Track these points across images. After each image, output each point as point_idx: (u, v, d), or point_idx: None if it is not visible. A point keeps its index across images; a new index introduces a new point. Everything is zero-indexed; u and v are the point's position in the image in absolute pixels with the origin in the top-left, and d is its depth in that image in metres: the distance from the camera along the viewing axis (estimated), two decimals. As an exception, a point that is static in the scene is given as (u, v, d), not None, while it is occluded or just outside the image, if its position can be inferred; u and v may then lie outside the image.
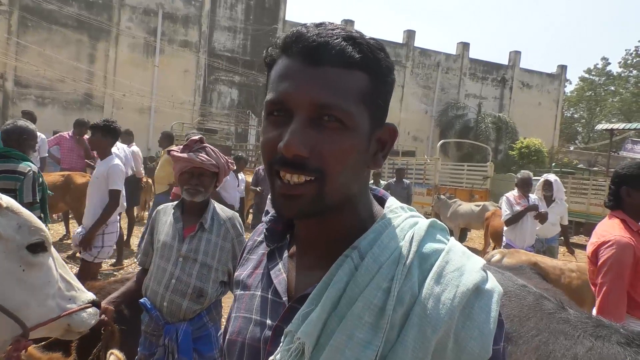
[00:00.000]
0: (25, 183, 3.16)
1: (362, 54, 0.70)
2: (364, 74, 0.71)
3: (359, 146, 0.72)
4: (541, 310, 1.43)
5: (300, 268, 0.81)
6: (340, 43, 0.69)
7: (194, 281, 2.21)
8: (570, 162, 25.32)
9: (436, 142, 22.83)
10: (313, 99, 0.69)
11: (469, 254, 0.73)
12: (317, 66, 0.70)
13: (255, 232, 0.97)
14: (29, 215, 1.45)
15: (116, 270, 6.25)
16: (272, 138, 0.72)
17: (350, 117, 0.70)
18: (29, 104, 18.96)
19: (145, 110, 22.18)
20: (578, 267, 4.35)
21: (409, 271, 0.69)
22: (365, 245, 0.73)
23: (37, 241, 1.42)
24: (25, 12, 20.12)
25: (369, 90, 0.72)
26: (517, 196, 5.68)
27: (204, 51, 23.33)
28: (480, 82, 29.89)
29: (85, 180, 6.87)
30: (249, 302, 0.84)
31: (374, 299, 0.67)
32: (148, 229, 2.44)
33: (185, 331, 2.18)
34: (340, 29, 0.72)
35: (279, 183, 0.72)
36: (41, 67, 19.54)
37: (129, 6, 22.14)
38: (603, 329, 1.30)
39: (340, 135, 0.70)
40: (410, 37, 27.93)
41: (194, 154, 2.27)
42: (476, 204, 10.41)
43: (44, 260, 1.45)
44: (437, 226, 0.77)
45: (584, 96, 42.87)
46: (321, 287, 0.71)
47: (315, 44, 0.69)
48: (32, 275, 1.42)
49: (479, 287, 0.68)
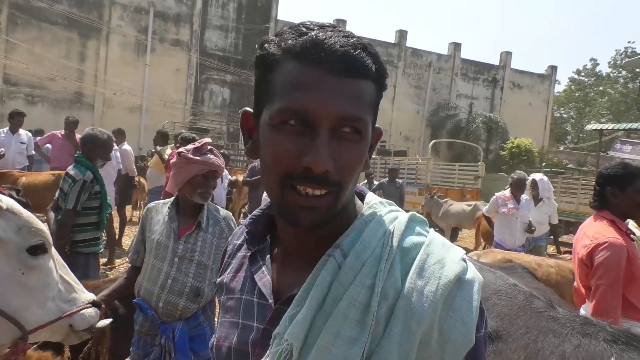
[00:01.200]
0: (73, 189, 3.33)
1: (376, 65, 0.72)
2: (372, 83, 0.72)
3: (366, 153, 0.74)
4: (531, 309, 1.46)
5: (284, 269, 0.81)
6: (361, 54, 0.69)
7: (190, 281, 2.20)
8: (560, 162, 25.52)
9: (428, 142, 22.92)
10: (339, 112, 0.68)
11: (448, 245, 0.74)
12: (340, 77, 0.68)
13: (234, 236, 0.96)
14: (29, 217, 1.44)
15: (108, 269, 6.23)
16: (290, 150, 0.69)
17: (367, 128, 0.71)
18: (19, 103, 18.78)
19: (137, 110, 22.06)
20: (557, 263, 4.41)
21: (391, 266, 0.70)
22: (348, 244, 0.73)
23: (37, 243, 1.41)
24: (14, 10, 19.91)
25: (376, 98, 0.74)
26: (507, 197, 5.71)
27: (196, 50, 23.23)
28: (471, 83, 30.06)
29: (76, 180, 6.82)
30: (234, 306, 0.83)
31: (359, 296, 0.68)
32: (139, 227, 2.42)
33: (181, 330, 2.17)
34: (353, 37, 0.71)
35: (294, 194, 0.70)
36: (31, 65, 19.35)
37: (119, 4, 21.99)
38: (590, 326, 1.33)
39: (357, 146, 0.71)
40: (402, 37, 28.02)
41: (207, 156, 2.27)
42: (467, 204, 10.48)
43: (44, 263, 1.44)
44: (416, 219, 0.78)
45: (574, 96, 43.25)
46: (306, 288, 0.72)
47: (339, 54, 0.68)
48: (32, 277, 1.41)
49: (460, 277, 0.69)
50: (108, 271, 6.16)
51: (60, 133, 7.77)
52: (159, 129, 7.98)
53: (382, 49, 27.04)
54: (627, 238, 2.35)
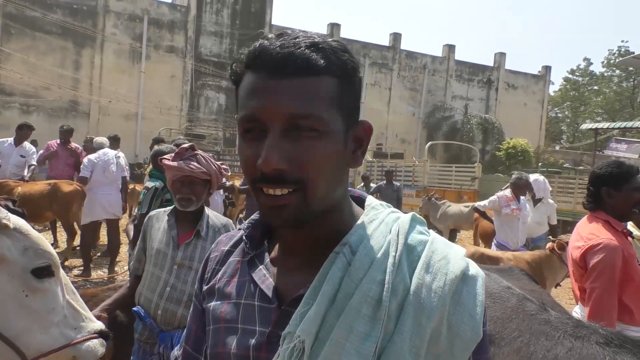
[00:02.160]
0: (146, 196, 3.67)
1: (326, 59, 0.71)
2: (331, 77, 0.72)
3: (337, 149, 0.73)
4: (523, 312, 1.46)
5: (284, 272, 0.81)
6: (304, 52, 0.70)
7: (189, 288, 2.19)
8: (557, 162, 25.60)
9: (424, 144, 22.96)
10: (284, 111, 0.69)
11: (450, 244, 0.77)
12: (284, 78, 0.70)
13: (219, 243, 0.96)
14: (37, 238, 1.37)
15: (109, 278, 6.21)
16: (250, 155, 0.72)
17: (324, 123, 0.70)
18: (14, 112, 18.76)
19: (132, 117, 22.05)
20: (514, 255, 4.57)
21: (399, 263, 0.71)
22: (355, 241, 0.74)
23: (43, 265, 1.34)
24: (8, 20, 19.91)
25: (339, 92, 0.72)
26: (509, 197, 5.67)
27: (191, 56, 23.26)
28: (466, 84, 30.18)
29: (72, 189, 6.79)
30: (231, 311, 0.82)
31: (370, 291, 0.68)
32: (140, 235, 2.41)
33: (180, 339, 2.17)
34: (303, 37, 0.72)
35: (263, 196, 0.73)
36: (25, 75, 19.34)
37: (114, 12, 22.02)
38: (582, 329, 1.33)
39: (317, 143, 0.70)
40: (397, 40, 28.12)
41: (185, 162, 2.25)
42: (465, 205, 10.48)
43: (49, 286, 1.37)
44: (417, 219, 0.80)
45: (568, 96, 43.44)
46: (315, 286, 0.72)
47: (280, 56, 0.70)
48: (36, 301, 1.34)
49: (465, 273, 0.71)
50: (110, 281, 6.14)
51: (56, 142, 7.77)
52: (155, 137, 7.97)
53: (376, 52, 27.14)
54: (624, 238, 2.31)
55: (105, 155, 6.54)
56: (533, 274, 3.28)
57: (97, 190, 6.45)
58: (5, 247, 1.29)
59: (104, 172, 6.43)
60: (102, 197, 6.47)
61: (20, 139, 7.16)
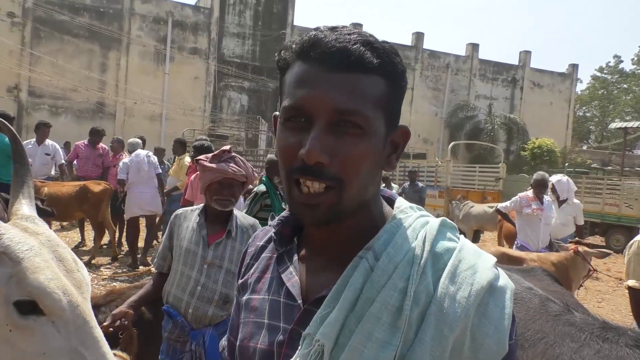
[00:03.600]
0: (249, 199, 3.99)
1: (380, 59, 0.71)
2: (381, 78, 0.72)
3: (376, 150, 0.73)
4: (547, 313, 1.42)
5: (312, 270, 0.81)
6: (359, 48, 0.70)
7: (220, 288, 2.21)
8: (584, 162, 25.04)
9: (447, 144, 22.72)
10: (334, 105, 0.69)
11: (479, 252, 0.74)
12: (336, 72, 0.70)
13: (255, 238, 0.97)
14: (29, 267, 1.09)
15: (131, 276, 6.32)
16: (291, 144, 0.72)
17: (369, 122, 0.71)
18: (43, 114, 19.25)
19: (157, 118, 22.40)
20: (539, 257, 4.49)
21: (423, 271, 0.69)
22: (380, 246, 0.73)
23: (23, 300, 1.07)
24: (38, 24, 20.46)
25: (386, 94, 0.73)
26: (531, 197, 5.60)
27: (214, 58, 23.51)
28: (490, 83, 29.73)
29: (101, 188, 6.97)
30: (260, 306, 0.83)
31: (391, 299, 0.67)
32: (167, 233, 2.43)
33: (211, 336, 2.17)
34: (357, 34, 0.72)
35: (297, 192, 0.73)
36: (54, 77, 19.85)
37: (139, 15, 22.41)
38: (610, 331, 1.28)
39: (359, 141, 0.70)
40: (419, 39, 27.89)
41: (225, 164, 2.26)
42: (489, 206, 10.33)
43: (35, 325, 1.08)
44: (447, 225, 0.78)
45: (597, 95, 42.38)
46: (338, 289, 0.71)
47: (335, 50, 0.69)
48: (23, 340, 1.08)
49: (492, 284, 0.69)
50: (130, 281, 6.24)
51: (83, 143, 7.97)
52: (177, 138, 8.10)
53: (398, 51, 26.85)
54: None
55: (138, 157, 6.92)
56: (559, 275, 3.22)
57: (134, 189, 6.87)
58: None
59: (139, 172, 6.83)
60: (138, 196, 6.86)
61: (41, 137, 7.39)
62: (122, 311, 2.14)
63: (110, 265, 6.85)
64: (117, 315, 2.12)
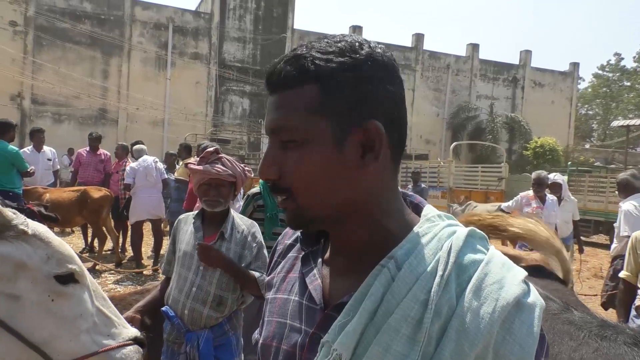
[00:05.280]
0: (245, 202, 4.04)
1: (300, 69, 0.72)
2: (311, 85, 0.71)
3: (324, 156, 0.71)
4: (546, 311, 1.42)
5: (335, 274, 0.80)
6: (282, 67, 0.74)
7: (214, 289, 2.23)
8: (587, 160, 24.97)
9: (449, 144, 22.71)
10: (269, 125, 0.76)
11: (509, 266, 0.71)
12: (273, 94, 0.76)
13: (284, 236, 0.96)
14: (59, 245, 1.33)
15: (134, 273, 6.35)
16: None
17: (299, 132, 0.72)
18: (46, 121, 19.35)
19: (159, 123, 22.46)
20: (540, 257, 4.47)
21: (446, 283, 0.67)
22: (402, 255, 0.71)
23: (65, 273, 1.31)
24: (40, 32, 20.57)
25: (319, 98, 0.71)
26: (531, 196, 5.64)
27: (215, 62, 23.58)
28: (491, 83, 29.71)
29: (101, 194, 6.99)
30: (283, 306, 0.83)
31: (411, 311, 0.66)
32: (171, 238, 2.48)
33: (206, 338, 2.19)
34: (295, 50, 0.75)
35: None
36: (57, 85, 19.94)
37: (139, 21, 22.50)
38: (608, 329, 1.28)
39: (296, 152, 0.73)
40: (419, 41, 27.90)
41: (210, 165, 2.29)
42: (492, 205, 10.32)
43: (74, 291, 1.33)
44: (476, 235, 0.75)
45: (599, 93, 42.28)
46: (358, 298, 0.70)
47: (268, 75, 0.76)
48: (62, 306, 1.30)
49: (519, 300, 0.66)
50: (134, 285, 6.26)
51: (85, 150, 8.02)
52: (182, 142, 8.15)
53: (398, 53, 27.00)
54: None
55: (145, 162, 7.04)
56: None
57: (140, 194, 6.97)
58: (25, 254, 1.26)
59: (146, 177, 6.95)
60: (144, 200, 6.98)
61: (37, 144, 7.43)
62: (129, 316, 2.16)
63: (114, 271, 6.88)
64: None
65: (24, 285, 1.26)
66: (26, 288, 1.26)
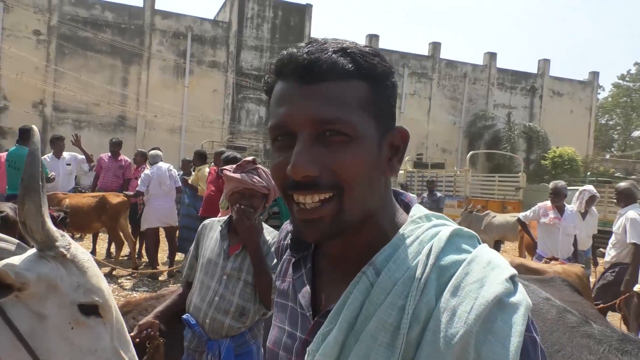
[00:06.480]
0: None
1: (355, 63, 0.69)
2: (361, 82, 0.70)
3: (370, 155, 0.70)
4: (564, 324, 1.39)
5: (326, 281, 0.79)
6: (330, 56, 0.68)
7: (236, 300, 2.21)
8: (607, 171, 24.54)
9: (465, 153, 22.52)
10: (312, 116, 0.68)
11: (495, 264, 0.67)
12: (310, 83, 0.69)
13: (280, 232, 0.96)
14: (93, 277, 1.30)
15: (150, 273, 6.39)
16: (280, 163, 0.71)
17: (353, 128, 0.68)
18: (67, 128, 19.69)
19: (176, 130, 22.72)
20: (564, 269, 4.48)
21: (425, 286, 0.65)
22: (382, 261, 0.69)
23: (89, 303, 1.28)
24: (62, 40, 21.03)
25: (370, 96, 0.70)
26: (549, 207, 5.55)
27: (232, 71, 23.81)
28: (509, 92, 29.44)
29: (120, 200, 7.08)
30: (282, 312, 0.84)
31: (389, 317, 0.65)
32: (194, 242, 2.45)
33: (227, 348, 2.17)
34: (332, 43, 0.71)
35: (296, 208, 0.71)
36: (78, 92, 20.34)
37: (159, 30, 22.86)
38: (629, 343, 1.25)
39: (348, 147, 0.68)
40: (436, 49, 27.82)
41: (247, 174, 2.26)
42: (512, 215, 10.21)
43: (94, 324, 1.29)
44: (462, 234, 0.72)
45: (620, 102, 41.59)
46: (339, 306, 0.69)
47: (307, 62, 0.69)
48: (81, 336, 1.27)
49: (501, 299, 0.63)
50: (150, 291, 6.30)
51: (107, 155, 8.15)
52: (197, 149, 8.22)
53: (415, 61, 26.96)
54: None
55: (160, 170, 7.07)
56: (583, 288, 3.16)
57: (154, 202, 7.02)
58: (58, 276, 1.24)
59: (160, 184, 6.99)
60: (157, 208, 7.04)
61: (57, 151, 7.55)
62: (148, 321, 2.16)
63: (130, 277, 6.94)
64: (143, 325, 2.14)
65: (51, 307, 1.24)
66: (52, 310, 1.24)
